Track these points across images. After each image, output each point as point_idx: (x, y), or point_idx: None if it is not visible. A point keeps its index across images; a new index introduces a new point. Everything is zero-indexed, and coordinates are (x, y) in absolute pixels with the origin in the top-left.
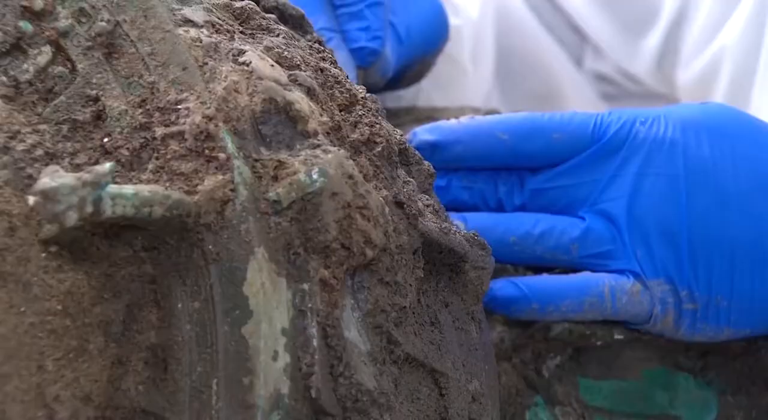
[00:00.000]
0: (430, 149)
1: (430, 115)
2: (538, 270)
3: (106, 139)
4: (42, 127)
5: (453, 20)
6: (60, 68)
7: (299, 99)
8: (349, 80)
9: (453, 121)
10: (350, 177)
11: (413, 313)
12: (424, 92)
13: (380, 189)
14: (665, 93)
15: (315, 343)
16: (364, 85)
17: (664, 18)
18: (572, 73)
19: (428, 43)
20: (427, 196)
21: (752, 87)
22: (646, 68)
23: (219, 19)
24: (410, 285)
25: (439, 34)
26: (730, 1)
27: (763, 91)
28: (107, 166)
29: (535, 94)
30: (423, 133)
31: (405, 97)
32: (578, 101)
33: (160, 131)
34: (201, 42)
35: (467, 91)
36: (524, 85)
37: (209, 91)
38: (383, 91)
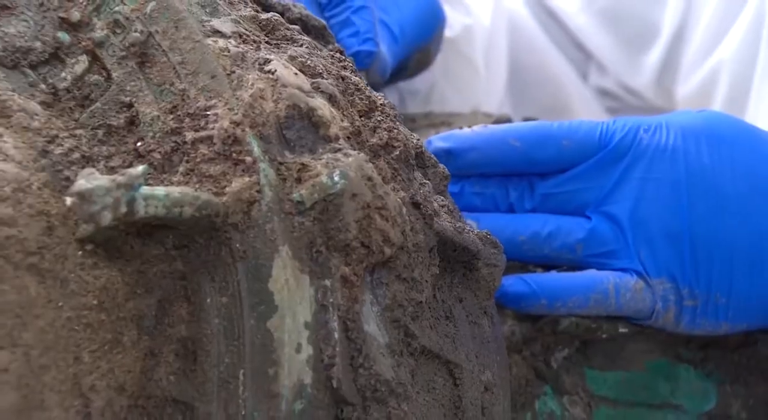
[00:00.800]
0: (445, 156)
1: (445, 120)
2: (546, 268)
3: (139, 143)
4: (79, 131)
5: (464, 19)
6: (96, 76)
7: (321, 105)
8: (368, 87)
9: (466, 129)
10: (369, 179)
11: (429, 307)
12: (439, 92)
13: (398, 190)
14: (665, 106)
15: (336, 336)
16: (376, 84)
17: (663, 35)
18: (579, 88)
19: (423, 35)
20: (442, 197)
21: (748, 99)
22: (647, 83)
23: (246, 30)
24: (426, 281)
25: (433, 24)
26: (726, 18)
27: (759, 103)
28: (140, 168)
29: (544, 106)
30: (438, 140)
31: (420, 95)
32: (584, 114)
33: (190, 136)
34: (229, 51)
35: (480, 93)
36: (534, 97)
37: (236, 98)
38: (388, 84)
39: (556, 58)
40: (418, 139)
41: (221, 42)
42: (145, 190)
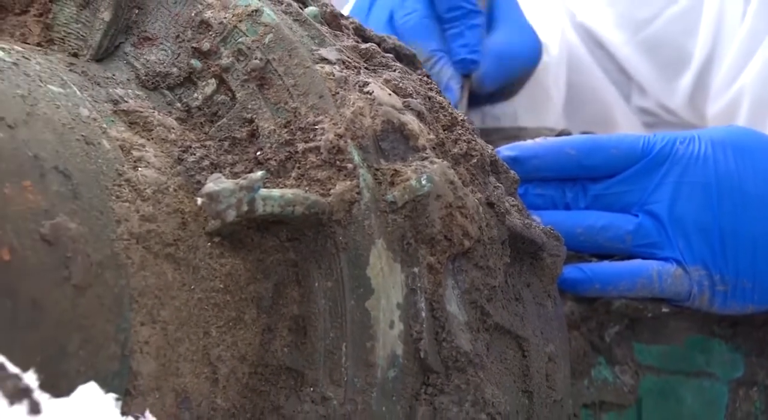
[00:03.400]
0: (511, 163)
1: (515, 134)
2: (600, 257)
3: (258, 153)
4: (208, 143)
5: (544, 57)
6: (222, 96)
7: (411, 121)
8: (451, 105)
9: (529, 141)
10: (452, 183)
11: (501, 291)
12: (512, 111)
13: (475, 192)
14: (697, 123)
15: (423, 314)
16: (470, 92)
17: (695, 63)
18: (622, 107)
19: (524, 65)
20: (512, 198)
21: (767, 118)
22: (681, 103)
23: (348, 57)
24: (499, 269)
25: (535, 58)
26: (749, 49)
27: None
28: (259, 174)
29: (593, 122)
30: (505, 150)
31: (504, 116)
32: (626, 129)
33: (301, 146)
34: (334, 76)
35: (546, 112)
36: (585, 114)
37: (340, 115)
38: (491, 102)
39: (604, 82)
40: (492, 149)
41: (327, 68)
42: (264, 191)
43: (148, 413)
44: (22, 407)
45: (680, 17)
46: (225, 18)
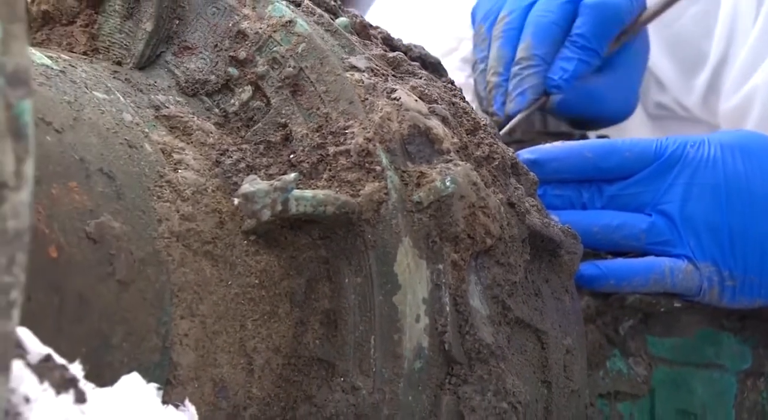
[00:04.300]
0: (531, 165)
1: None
2: (614, 255)
3: (291, 156)
4: (244, 146)
5: None
6: (258, 102)
7: (436, 125)
8: (474, 111)
9: (548, 144)
10: (474, 184)
11: (522, 286)
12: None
13: (497, 193)
14: (708, 120)
15: (447, 309)
16: (543, 108)
17: (710, 62)
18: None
19: (607, 116)
20: (532, 199)
21: None
22: (696, 101)
23: (376, 65)
24: (519, 265)
25: (615, 113)
26: (760, 51)
27: None
28: (292, 175)
29: None
30: (526, 153)
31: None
32: (636, 123)
33: (332, 149)
34: (363, 83)
35: None
36: None
37: (369, 120)
38: (574, 130)
39: None
40: (513, 152)
41: (357, 75)
42: (297, 192)
43: (187, 402)
44: (69, 396)
45: (700, 17)
46: (260, 28)
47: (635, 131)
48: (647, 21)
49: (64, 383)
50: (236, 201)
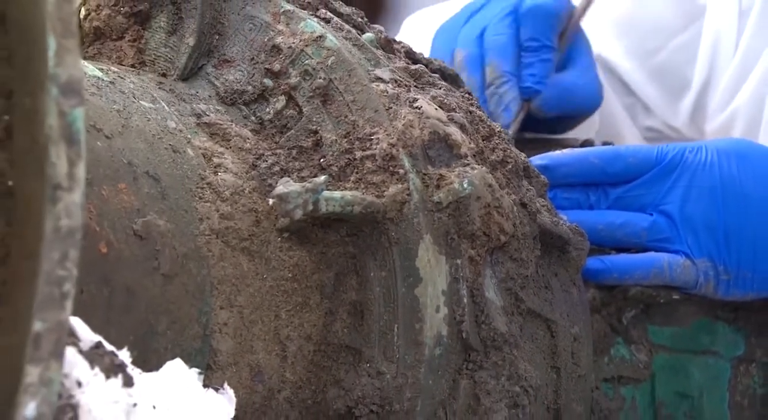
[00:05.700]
0: (542, 170)
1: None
2: (618, 251)
3: (321, 160)
4: (278, 151)
5: None
6: (291, 111)
7: (455, 132)
8: (489, 119)
9: (558, 152)
10: (490, 186)
11: (533, 280)
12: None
13: (510, 194)
14: (698, 139)
15: (465, 300)
16: (528, 114)
17: (694, 87)
18: (629, 125)
19: (581, 104)
20: (542, 199)
21: (758, 137)
22: (683, 122)
23: (400, 77)
24: (531, 261)
25: (590, 100)
26: (741, 74)
27: (766, 139)
28: (322, 178)
29: (606, 135)
30: (537, 159)
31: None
32: (631, 143)
33: (359, 154)
34: (387, 93)
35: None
36: (597, 130)
37: (393, 127)
38: (549, 132)
39: (614, 102)
40: (525, 157)
41: (382, 86)
42: (326, 193)
43: (226, 385)
44: (117, 380)
45: (682, 48)
46: (293, 43)
47: (630, 141)
48: (581, 15)
49: (113, 368)
50: (271, 201)
